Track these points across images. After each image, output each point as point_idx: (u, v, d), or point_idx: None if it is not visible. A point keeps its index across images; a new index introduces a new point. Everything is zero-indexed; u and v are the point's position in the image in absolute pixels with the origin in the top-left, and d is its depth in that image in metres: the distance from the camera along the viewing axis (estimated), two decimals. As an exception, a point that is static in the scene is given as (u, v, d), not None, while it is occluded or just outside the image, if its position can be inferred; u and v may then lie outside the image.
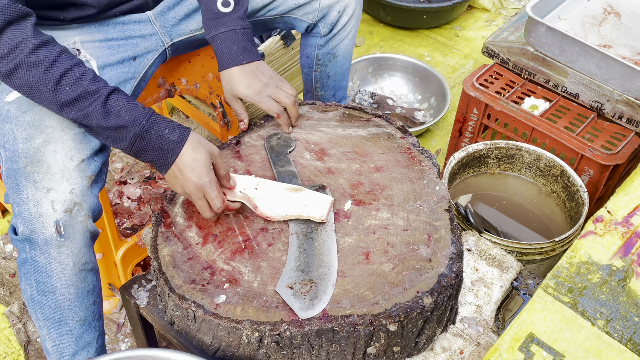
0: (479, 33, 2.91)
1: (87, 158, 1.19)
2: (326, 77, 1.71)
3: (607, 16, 1.94)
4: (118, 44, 1.36)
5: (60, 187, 1.15)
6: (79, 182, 1.17)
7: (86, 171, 1.19)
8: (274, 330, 1.04)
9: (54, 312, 1.23)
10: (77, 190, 1.16)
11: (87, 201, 1.18)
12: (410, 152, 1.36)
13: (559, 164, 1.72)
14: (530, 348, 0.96)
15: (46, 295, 1.21)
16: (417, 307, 1.06)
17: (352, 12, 1.58)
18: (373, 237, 1.19)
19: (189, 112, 2.22)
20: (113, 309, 1.75)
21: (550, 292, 1.03)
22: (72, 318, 1.25)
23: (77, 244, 1.18)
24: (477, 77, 1.94)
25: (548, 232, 1.75)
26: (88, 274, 1.23)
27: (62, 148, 1.17)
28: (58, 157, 1.16)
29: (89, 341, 1.29)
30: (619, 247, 1.10)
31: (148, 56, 1.41)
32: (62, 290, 1.20)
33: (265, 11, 1.53)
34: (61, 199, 1.14)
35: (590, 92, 1.78)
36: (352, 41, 1.66)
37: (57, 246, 1.16)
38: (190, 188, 1.17)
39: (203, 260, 1.17)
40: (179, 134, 1.17)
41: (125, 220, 1.96)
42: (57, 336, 1.26)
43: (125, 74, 1.36)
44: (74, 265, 1.19)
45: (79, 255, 1.19)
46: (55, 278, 1.19)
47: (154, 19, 1.41)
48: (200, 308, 1.08)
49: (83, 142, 1.19)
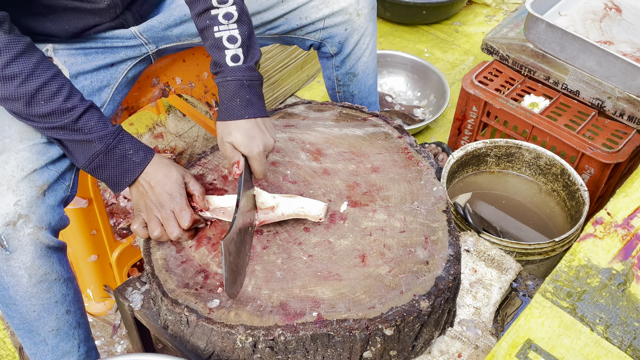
0: (479, 29, 2.89)
1: (40, 168, 1.14)
2: (351, 96, 1.66)
3: (608, 12, 1.91)
4: (96, 51, 1.30)
5: (4, 200, 1.10)
6: (26, 193, 1.12)
7: (37, 181, 1.13)
8: (268, 335, 1.03)
9: (21, 322, 1.19)
10: (23, 202, 1.11)
11: (36, 212, 1.12)
12: (407, 152, 1.34)
13: (559, 163, 1.71)
14: (528, 355, 0.94)
15: (9, 306, 1.17)
16: (413, 311, 1.05)
17: (364, 30, 1.50)
18: (369, 240, 1.17)
19: (186, 110, 2.20)
20: (109, 310, 1.74)
21: (549, 296, 1.01)
22: (43, 329, 1.21)
23: (28, 257, 1.12)
24: (477, 74, 1.92)
25: (548, 231, 1.74)
26: (53, 285, 1.18)
27: (15, 159, 1.12)
28: (8, 167, 1.12)
29: (67, 350, 1.25)
30: (619, 250, 1.08)
31: (128, 62, 1.36)
32: (23, 302, 1.16)
33: (263, 30, 1.47)
34: (3, 211, 1.10)
35: (591, 90, 1.76)
36: (370, 57, 1.59)
37: (5, 260, 1.11)
38: (160, 201, 1.16)
39: (196, 263, 1.15)
40: (142, 156, 1.17)
41: (121, 220, 1.95)
42: (31, 345, 1.23)
43: (99, 81, 1.31)
44: (30, 277, 1.14)
45: (34, 268, 1.14)
46: (12, 291, 1.14)
47: (140, 34, 1.35)
48: (193, 313, 1.07)
49: (40, 152, 1.15)
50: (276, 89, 2.29)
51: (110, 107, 1.35)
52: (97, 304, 1.71)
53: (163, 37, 1.39)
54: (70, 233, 1.51)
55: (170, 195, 1.17)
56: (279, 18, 1.45)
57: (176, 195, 1.17)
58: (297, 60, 2.31)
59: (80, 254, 1.56)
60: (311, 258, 1.15)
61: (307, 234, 1.19)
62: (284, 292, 1.09)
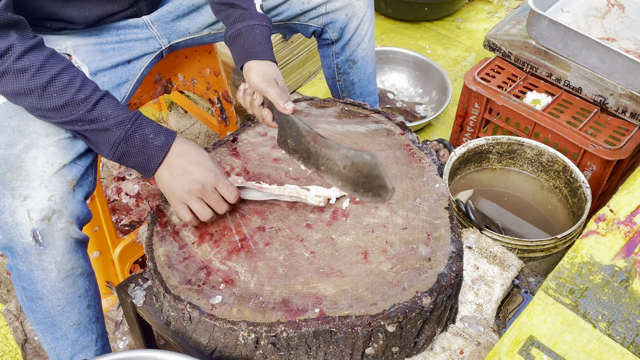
0: (481, 25, 2.88)
1: (68, 163, 1.16)
2: (351, 84, 1.68)
3: (611, 9, 1.91)
4: (112, 47, 1.33)
5: (38, 195, 1.12)
6: (58, 189, 1.13)
7: (67, 176, 1.15)
8: (271, 331, 1.03)
9: (45, 317, 1.21)
10: (56, 197, 1.13)
11: (68, 207, 1.14)
12: (409, 148, 1.34)
13: (561, 160, 1.70)
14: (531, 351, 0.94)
15: (34, 301, 1.19)
16: (416, 308, 1.05)
17: (363, 15, 1.54)
18: (371, 236, 1.17)
19: (188, 107, 2.20)
20: (111, 306, 1.74)
21: (551, 293, 1.01)
22: (65, 323, 1.23)
23: (59, 251, 1.15)
24: (479, 71, 1.91)
25: (550, 228, 1.74)
26: (78, 279, 1.20)
27: (44, 154, 1.14)
28: (38, 163, 1.13)
29: (86, 344, 1.27)
30: (622, 247, 1.08)
31: (144, 58, 1.39)
32: (49, 296, 1.18)
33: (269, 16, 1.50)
34: (38, 207, 1.11)
35: (593, 86, 1.76)
36: (369, 44, 1.63)
37: (37, 254, 1.13)
38: (203, 181, 1.14)
39: (199, 260, 1.15)
40: (163, 139, 1.15)
41: (123, 216, 1.95)
42: (52, 340, 1.24)
43: (119, 78, 1.34)
44: (59, 272, 1.16)
45: (63, 262, 1.16)
46: (40, 285, 1.17)
47: (151, 23, 1.39)
48: (195, 309, 1.07)
49: (67, 147, 1.17)
50: (278, 85, 2.29)
51: (126, 102, 1.38)
52: (99, 300, 1.71)
53: (173, 30, 1.42)
54: (73, 229, 1.51)
55: (211, 172, 1.15)
56: (283, 4, 1.49)
57: (217, 171, 1.15)
58: (299, 57, 2.31)
59: (82, 250, 1.57)
60: (313, 255, 1.15)
61: (309, 231, 1.19)
62: (287, 289, 1.09)
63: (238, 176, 1.24)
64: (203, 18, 1.45)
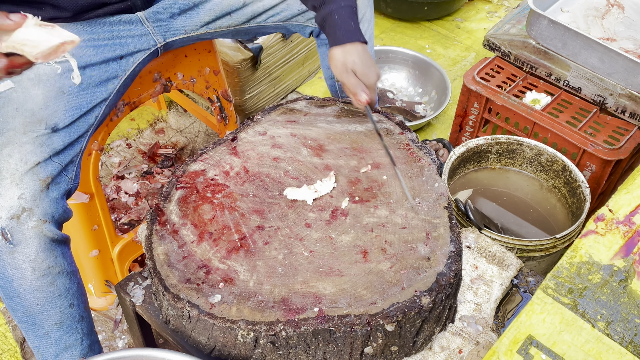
0: (480, 25, 2.88)
1: (43, 160, 1.14)
2: None
3: (611, 9, 1.91)
4: (105, 43, 1.32)
5: (8, 193, 1.11)
6: (30, 187, 1.12)
7: (40, 174, 1.14)
8: (270, 330, 1.03)
9: (25, 315, 1.20)
10: (27, 195, 1.11)
11: (40, 205, 1.13)
12: (409, 148, 1.34)
13: (560, 159, 1.71)
14: (529, 351, 0.94)
15: (13, 299, 1.18)
16: (415, 307, 1.05)
17: (362, 15, 1.53)
18: (371, 235, 1.17)
19: (187, 106, 2.20)
20: (110, 305, 1.74)
21: (550, 293, 1.02)
22: (46, 322, 1.21)
23: (32, 250, 1.13)
24: (478, 70, 1.91)
25: (549, 228, 1.74)
26: (57, 278, 1.18)
27: (18, 152, 1.13)
28: (11, 161, 1.12)
29: (70, 343, 1.26)
30: (621, 246, 1.09)
31: (137, 55, 1.37)
32: (26, 295, 1.17)
33: (266, 17, 1.49)
34: (7, 205, 1.10)
35: (592, 86, 1.76)
36: (369, 45, 1.60)
37: (9, 253, 1.12)
38: None
39: (198, 259, 1.15)
40: None
41: (122, 215, 1.95)
42: (35, 338, 1.23)
43: (108, 73, 1.32)
44: (34, 270, 1.15)
45: (37, 261, 1.14)
46: (15, 284, 1.15)
47: (146, 19, 1.37)
48: (195, 308, 1.07)
49: (44, 144, 1.15)
50: (277, 84, 2.29)
51: (115, 98, 1.36)
52: (98, 299, 1.71)
53: (168, 27, 1.40)
54: (72, 228, 1.51)
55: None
56: (280, 4, 1.48)
57: None
58: (299, 56, 2.30)
59: (81, 249, 1.57)
60: (312, 254, 1.15)
61: (308, 230, 1.19)
62: (286, 288, 1.09)
63: None
64: (199, 17, 1.43)
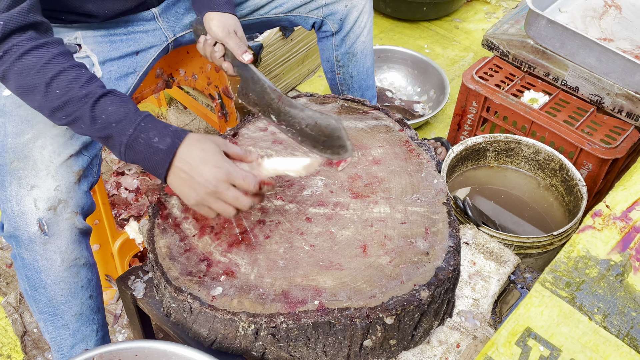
0: (479, 25, 2.90)
1: (75, 153, 1.17)
2: (350, 77, 1.70)
3: (608, 9, 1.93)
4: (121, 39, 1.35)
5: (45, 185, 1.13)
6: (65, 179, 1.14)
7: (74, 167, 1.16)
8: (271, 322, 1.04)
9: (47, 306, 1.22)
10: (62, 187, 1.14)
11: (73, 198, 1.15)
12: (408, 144, 1.36)
13: (557, 158, 1.72)
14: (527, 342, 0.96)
15: (38, 290, 1.20)
16: (414, 301, 1.06)
17: (362, 7, 1.56)
18: (370, 230, 1.18)
19: (187, 103, 2.21)
20: (110, 300, 1.75)
21: (548, 286, 1.03)
22: (67, 312, 1.24)
23: (64, 241, 1.16)
24: (477, 69, 1.93)
25: (546, 226, 1.75)
26: (81, 269, 1.21)
27: (51, 144, 1.15)
28: (45, 153, 1.14)
29: (87, 334, 1.28)
30: (617, 241, 1.10)
31: (151, 50, 1.41)
32: (52, 286, 1.19)
33: (269, 9, 1.52)
34: (45, 196, 1.12)
35: (590, 86, 1.77)
36: (368, 37, 1.65)
37: (42, 244, 1.14)
38: (213, 180, 1.01)
39: (200, 252, 1.16)
40: (169, 142, 1.02)
41: (122, 211, 1.96)
42: (53, 329, 1.25)
43: (127, 68, 1.36)
44: (63, 261, 1.17)
45: (67, 252, 1.17)
46: (44, 274, 1.17)
47: (158, 15, 1.41)
48: (196, 300, 1.08)
49: (74, 137, 1.18)
50: (277, 82, 2.30)
51: (131, 94, 1.40)
52: (98, 293, 1.72)
53: (177, 23, 1.44)
54: (73, 222, 1.51)
55: (219, 168, 1.01)
56: None
57: (226, 165, 1.01)
58: (298, 55, 2.32)
59: (82, 243, 1.57)
60: (313, 248, 1.16)
61: (309, 224, 1.20)
62: (286, 281, 1.10)
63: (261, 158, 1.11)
64: None
